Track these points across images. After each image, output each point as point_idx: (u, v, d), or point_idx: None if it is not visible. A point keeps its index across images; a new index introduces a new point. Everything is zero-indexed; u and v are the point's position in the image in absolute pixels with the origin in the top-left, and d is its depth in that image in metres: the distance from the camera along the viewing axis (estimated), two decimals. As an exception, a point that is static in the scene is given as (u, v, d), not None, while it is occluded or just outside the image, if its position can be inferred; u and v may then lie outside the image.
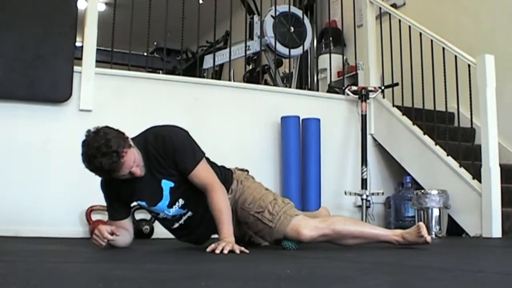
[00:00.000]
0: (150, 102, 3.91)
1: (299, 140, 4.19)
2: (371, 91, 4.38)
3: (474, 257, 2.44)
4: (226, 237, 2.25)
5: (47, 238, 3.28)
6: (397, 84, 4.32)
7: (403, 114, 4.32)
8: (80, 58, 3.73)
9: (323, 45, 6.03)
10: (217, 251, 2.14)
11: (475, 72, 3.74)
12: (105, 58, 4.18)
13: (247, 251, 2.18)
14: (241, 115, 4.21)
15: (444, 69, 3.99)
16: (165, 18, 4.16)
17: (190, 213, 2.50)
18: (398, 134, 4.34)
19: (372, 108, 4.53)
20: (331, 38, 5.40)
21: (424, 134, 4.13)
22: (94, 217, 3.53)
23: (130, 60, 4.13)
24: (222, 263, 1.91)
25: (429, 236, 2.44)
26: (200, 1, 4.69)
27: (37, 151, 3.55)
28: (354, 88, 4.45)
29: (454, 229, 3.81)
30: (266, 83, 5.41)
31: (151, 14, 4.15)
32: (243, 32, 4.79)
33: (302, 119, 4.22)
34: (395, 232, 2.54)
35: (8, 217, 3.37)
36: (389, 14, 4.46)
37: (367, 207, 4.05)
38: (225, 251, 2.13)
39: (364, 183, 4.10)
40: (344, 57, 5.45)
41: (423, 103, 4.14)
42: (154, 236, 3.62)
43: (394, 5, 5.37)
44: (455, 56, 3.89)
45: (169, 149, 2.36)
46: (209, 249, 2.18)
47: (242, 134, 4.18)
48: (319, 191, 4.12)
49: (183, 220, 2.51)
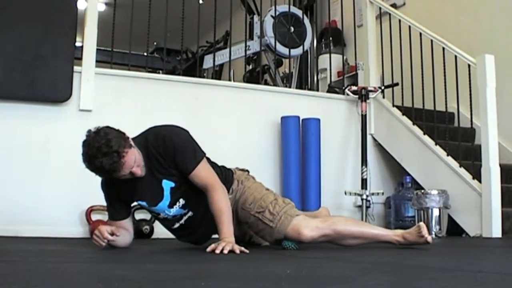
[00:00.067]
0: (150, 102, 3.91)
1: (299, 140, 4.19)
2: (371, 91, 4.38)
3: (474, 257, 2.44)
4: (226, 237, 2.25)
5: (47, 238, 3.28)
6: (397, 84, 4.32)
7: (403, 114, 4.32)
8: (80, 58, 3.73)
9: (323, 45, 6.03)
10: (217, 251, 2.14)
11: (475, 72, 3.74)
12: (105, 58, 4.18)
13: (247, 251, 2.18)
14: (241, 115, 4.21)
15: (444, 69, 3.99)
16: (165, 18, 4.16)
17: (190, 213, 2.50)
18: (398, 134, 4.35)
19: (372, 108, 4.53)
20: (331, 38, 5.40)
21: (424, 134, 4.13)
22: (94, 217, 3.53)
23: (130, 60, 4.13)
24: (222, 263, 1.91)
25: (429, 236, 2.44)
26: (200, 1, 4.69)
27: (37, 151, 3.56)
28: (354, 88, 4.45)
29: (454, 229, 3.81)
30: (266, 83, 5.40)
31: (151, 14, 4.15)
32: (243, 32, 4.79)
33: (302, 119, 4.22)
34: (396, 232, 2.54)
35: (8, 217, 3.37)
36: (389, 14, 4.46)
37: (367, 207, 4.05)
38: (225, 251, 2.13)
39: (364, 183, 4.10)
40: (344, 57, 5.45)
41: (423, 103, 4.14)
42: (154, 236, 3.62)
43: (394, 5, 5.37)
44: (455, 56, 3.89)
45: (169, 149, 2.36)
46: (209, 249, 2.18)
47: (242, 134, 4.18)
48: (319, 191, 4.12)
49: (183, 220, 2.51)
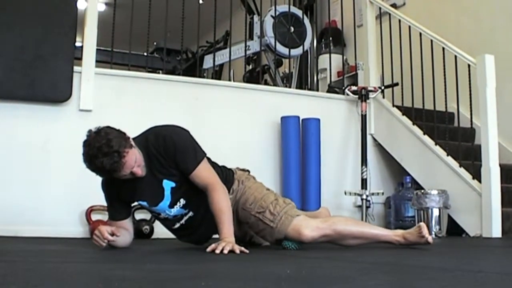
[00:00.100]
0: (150, 102, 3.91)
1: (299, 140, 4.19)
2: (371, 91, 4.38)
3: (474, 257, 2.44)
4: (226, 237, 2.25)
5: (47, 238, 3.28)
6: (397, 84, 4.32)
7: (403, 114, 4.32)
8: (80, 58, 3.73)
9: (323, 45, 6.03)
10: (217, 251, 2.14)
11: (475, 72, 3.74)
12: (105, 58, 4.18)
13: (247, 251, 2.18)
14: (241, 115, 4.21)
15: (444, 69, 3.99)
16: (165, 18, 4.16)
17: (191, 213, 2.50)
18: (398, 134, 4.35)
19: (372, 108, 4.53)
20: (331, 38, 5.40)
21: (424, 134, 4.13)
22: (94, 217, 3.53)
23: (130, 60, 4.13)
24: (222, 263, 1.91)
25: (430, 236, 2.43)
26: (200, 1, 4.69)
27: (37, 151, 3.56)
28: (354, 88, 4.45)
29: (454, 229, 3.81)
30: (266, 83, 5.40)
31: (151, 14, 4.15)
32: (243, 32, 4.79)
33: (302, 119, 4.22)
34: (396, 232, 2.53)
35: (8, 217, 3.37)
36: (389, 14, 4.46)
37: (367, 207, 4.05)
38: (225, 251, 2.13)
39: (364, 183, 4.10)
40: (344, 57, 5.45)
41: (423, 103, 4.14)
42: (154, 236, 3.62)
43: (394, 5, 5.37)
44: (455, 56, 3.89)
45: (170, 149, 2.36)
46: (209, 249, 2.18)
47: (242, 134, 4.18)
48: (319, 191, 4.12)
49: (184, 220, 2.51)
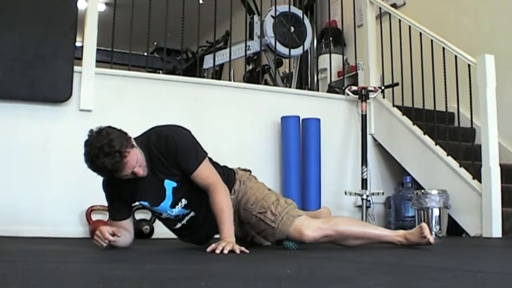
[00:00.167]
0: (150, 102, 3.91)
1: (299, 140, 4.19)
2: (371, 91, 4.38)
3: (474, 257, 2.44)
4: (227, 237, 2.25)
5: (47, 238, 3.28)
6: (397, 84, 4.32)
7: (403, 114, 4.32)
8: (80, 58, 3.73)
9: (323, 45, 6.03)
10: (217, 251, 2.14)
11: (475, 72, 3.74)
12: (105, 58, 4.18)
13: (247, 251, 2.18)
14: (241, 115, 4.21)
15: (444, 69, 3.98)
16: (165, 18, 4.16)
17: (192, 213, 2.50)
18: (398, 134, 4.34)
19: (372, 108, 4.53)
20: (331, 38, 5.40)
21: (424, 134, 4.13)
22: (94, 217, 3.53)
23: (130, 60, 4.13)
24: (222, 263, 1.91)
25: (432, 237, 2.43)
26: (200, 1, 4.69)
27: (37, 151, 3.56)
28: (354, 88, 4.45)
29: (454, 229, 3.81)
30: (266, 83, 5.41)
31: (151, 14, 4.15)
32: (243, 32, 4.79)
33: (302, 119, 4.22)
34: (398, 232, 2.53)
35: (8, 217, 3.37)
36: (389, 14, 4.46)
37: (367, 207, 4.05)
38: (225, 251, 2.13)
39: (364, 183, 4.10)
40: (344, 57, 5.45)
41: (423, 103, 4.14)
42: (154, 236, 3.62)
43: (394, 5, 5.37)
44: (455, 56, 3.89)
45: (171, 149, 2.36)
46: (209, 249, 2.18)
47: (242, 134, 4.18)
48: (319, 191, 4.12)
49: (185, 220, 2.51)
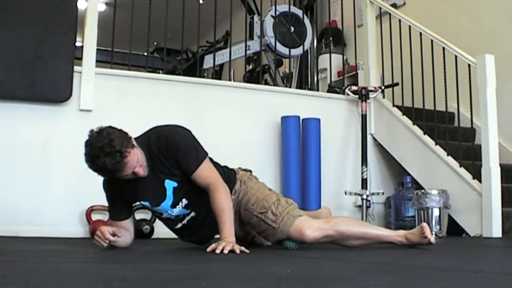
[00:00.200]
0: (150, 102, 3.91)
1: (299, 140, 4.19)
2: (371, 91, 4.38)
3: (474, 257, 2.44)
4: (227, 237, 2.25)
5: (47, 238, 3.28)
6: (397, 84, 4.32)
7: (403, 114, 4.32)
8: (80, 58, 3.73)
9: (323, 45, 6.03)
10: (217, 251, 2.14)
11: (475, 72, 3.74)
12: (105, 58, 4.18)
13: (247, 251, 2.18)
14: (241, 115, 4.21)
15: (444, 69, 3.98)
16: (165, 18, 4.16)
17: (193, 213, 2.50)
18: (398, 134, 4.34)
19: (372, 108, 4.53)
20: (331, 38, 5.40)
21: (424, 134, 4.13)
22: (94, 217, 3.53)
23: (130, 60, 4.13)
24: (222, 263, 1.90)
25: (432, 237, 2.43)
26: (200, 1, 4.69)
27: (37, 151, 3.55)
28: (354, 88, 4.45)
29: (454, 229, 3.81)
30: (266, 83, 5.41)
31: (151, 14, 4.15)
32: (243, 32, 4.79)
33: (302, 119, 4.22)
34: (399, 233, 2.53)
35: (9, 217, 3.37)
36: (389, 14, 4.46)
37: (367, 207, 4.05)
38: (225, 251, 2.13)
39: (364, 183, 4.10)
40: (344, 57, 5.45)
41: (423, 103, 4.14)
42: (154, 236, 3.62)
43: (394, 5, 5.37)
44: (455, 56, 3.89)
45: (172, 149, 2.36)
46: (209, 249, 2.18)
47: (242, 134, 4.18)
48: (319, 191, 4.12)
49: (186, 220, 2.51)
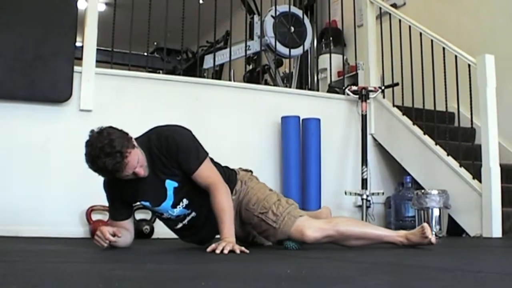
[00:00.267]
0: (151, 102, 3.91)
1: (299, 140, 4.19)
2: (371, 91, 4.38)
3: (474, 257, 2.44)
4: (227, 237, 2.25)
5: (48, 238, 3.28)
6: (397, 84, 4.32)
7: (403, 114, 4.32)
8: (80, 58, 3.73)
9: (323, 45, 6.03)
10: (217, 251, 2.14)
11: (475, 72, 3.74)
12: (105, 58, 4.18)
13: (247, 251, 2.18)
14: (241, 115, 4.21)
15: (444, 69, 3.98)
16: (165, 18, 4.16)
17: (194, 214, 2.49)
18: (398, 134, 4.34)
19: (372, 108, 4.53)
20: (331, 38, 5.40)
21: (424, 134, 4.13)
22: (95, 217, 3.53)
23: (130, 60, 4.13)
24: (222, 263, 1.91)
25: (433, 237, 2.43)
26: (200, 1, 4.69)
27: (37, 151, 3.55)
28: (354, 88, 4.45)
29: (454, 229, 3.81)
30: (266, 83, 5.41)
31: (151, 14, 4.15)
32: (243, 32, 4.79)
33: (302, 119, 4.22)
34: (399, 233, 2.52)
35: (9, 217, 3.37)
36: (389, 14, 4.46)
37: (367, 207, 4.05)
38: (225, 251, 2.13)
39: (364, 183, 4.10)
40: (344, 57, 5.45)
41: (423, 103, 4.14)
42: (154, 236, 3.62)
43: (394, 5, 5.37)
44: (455, 56, 3.89)
45: (172, 149, 2.36)
46: (209, 249, 2.18)
47: (243, 134, 4.18)
48: (319, 191, 4.12)
49: (187, 220, 2.51)
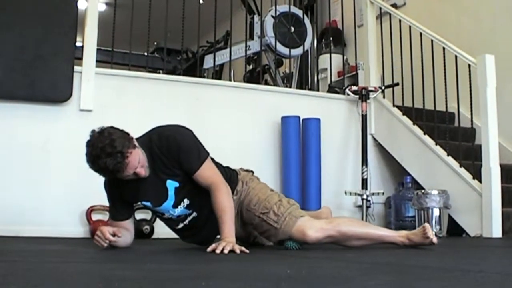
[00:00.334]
0: (151, 102, 3.91)
1: (299, 140, 4.19)
2: (371, 91, 4.38)
3: (474, 257, 2.44)
4: (227, 237, 2.25)
5: (48, 238, 3.28)
6: (397, 84, 4.32)
7: (403, 114, 4.32)
8: (81, 58, 3.73)
9: (323, 45, 6.03)
10: (217, 251, 2.14)
11: (475, 72, 3.74)
12: (106, 58, 4.18)
13: (247, 251, 2.18)
14: (241, 115, 4.21)
15: (445, 69, 3.98)
16: (165, 18, 4.16)
17: (195, 214, 2.49)
18: (399, 134, 4.34)
19: (372, 108, 4.53)
20: (331, 38, 5.40)
21: (425, 134, 4.13)
22: (95, 217, 3.54)
23: (131, 60, 4.13)
24: (223, 263, 1.91)
25: (435, 237, 2.43)
26: (200, 1, 4.69)
27: (37, 151, 3.55)
28: (354, 88, 4.45)
29: (454, 229, 3.81)
30: (266, 83, 5.41)
31: (151, 14, 4.15)
32: (243, 32, 4.79)
33: (302, 119, 4.22)
34: (400, 233, 2.52)
35: (9, 217, 3.37)
36: (390, 14, 4.46)
37: (368, 207, 4.05)
38: (225, 251, 2.13)
39: (364, 183, 4.10)
40: (345, 57, 5.45)
41: (424, 103, 4.14)
42: (154, 236, 3.62)
43: (394, 5, 5.37)
44: (455, 56, 3.89)
45: (173, 149, 2.36)
46: (209, 249, 2.18)
47: (243, 134, 4.18)
48: (319, 191, 4.12)
49: (187, 220, 2.51)
